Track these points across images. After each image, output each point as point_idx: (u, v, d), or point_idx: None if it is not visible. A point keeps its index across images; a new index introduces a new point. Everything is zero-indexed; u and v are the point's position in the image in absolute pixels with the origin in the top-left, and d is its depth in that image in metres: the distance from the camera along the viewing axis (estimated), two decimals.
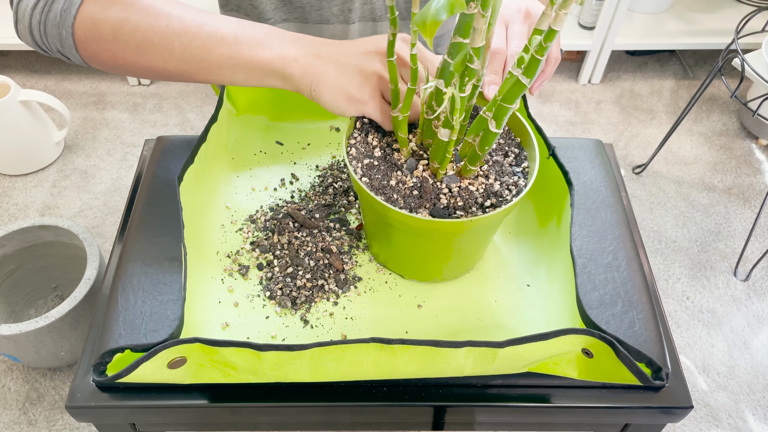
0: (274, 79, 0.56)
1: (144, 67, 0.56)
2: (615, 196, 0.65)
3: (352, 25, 0.75)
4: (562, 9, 0.40)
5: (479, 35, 0.44)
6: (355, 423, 0.57)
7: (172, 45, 0.54)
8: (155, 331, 0.52)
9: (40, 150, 1.54)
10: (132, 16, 0.54)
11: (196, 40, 0.54)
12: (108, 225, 1.46)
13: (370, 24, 0.76)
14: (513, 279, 0.61)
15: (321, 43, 0.56)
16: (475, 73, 0.47)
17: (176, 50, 0.54)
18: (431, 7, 0.41)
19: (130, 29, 0.54)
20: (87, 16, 0.53)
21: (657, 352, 0.52)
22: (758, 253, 1.42)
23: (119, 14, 0.54)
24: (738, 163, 1.64)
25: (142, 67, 0.56)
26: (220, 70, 0.56)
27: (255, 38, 0.55)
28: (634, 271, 0.58)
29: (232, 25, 0.55)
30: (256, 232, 0.64)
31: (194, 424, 0.57)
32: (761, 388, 1.22)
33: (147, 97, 1.78)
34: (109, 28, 0.54)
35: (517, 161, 0.58)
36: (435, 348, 0.49)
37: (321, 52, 0.55)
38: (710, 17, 1.82)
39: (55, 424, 1.13)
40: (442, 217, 0.53)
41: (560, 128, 1.72)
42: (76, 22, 0.54)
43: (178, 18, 0.54)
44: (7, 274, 1.16)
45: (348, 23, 0.74)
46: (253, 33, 0.55)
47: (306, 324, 0.57)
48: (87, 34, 0.54)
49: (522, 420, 0.56)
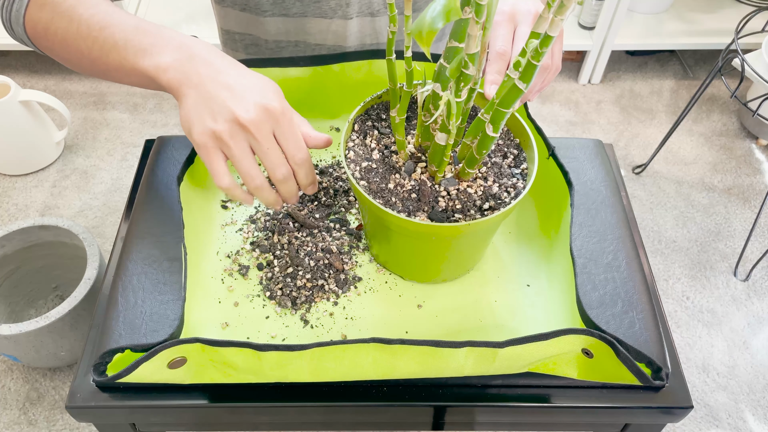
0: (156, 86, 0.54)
1: (76, 65, 0.58)
2: (615, 196, 0.65)
3: (350, 21, 0.75)
4: (557, 15, 0.40)
5: (473, 42, 0.44)
6: (355, 423, 0.57)
7: (81, 48, 0.55)
8: (155, 331, 0.52)
9: (40, 150, 1.54)
10: (54, 18, 0.56)
11: (96, 45, 0.54)
12: (108, 225, 1.46)
13: (369, 19, 0.76)
14: (513, 279, 0.61)
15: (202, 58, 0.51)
16: (471, 78, 0.47)
17: (84, 53, 0.55)
18: (427, 16, 0.41)
19: (53, 30, 0.56)
20: (29, 17, 0.58)
21: (657, 352, 0.52)
22: (758, 253, 1.42)
23: (47, 15, 0.56)
24: (738, 163, 1.64)
25: (74, 65, 0.58)
26: (118, 74, 0.55)
27: (142, 45, 0.52)
28: (634, 271, 0.58)
29: (127, 30, 0.53)
30: (256, 232, 0.64)
31: (194, 424, 0.57)
32: (761, 388, 1.22)
33: (147, 97, 1.78)
34: (42, 28, 0.57)
35: (516, 163, 0.58)
36: (435, 348, 0.49)
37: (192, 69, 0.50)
38: (710, 17, 1.82)
39: (55, 424, 1.13)
40: (440, 220, 0.53)
41: (560, 128, 1.72)
42: (26, 20, 0.58)
43: (87, 22, 0.54)
44: (7, 274, 1.16)
45: (346, 18, 0.74)
46: (142, 39, 0.52)
47: (306, 324, 0.58)
48: (31, 32, 0.58)
49: (522, 420, 0.56)
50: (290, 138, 0.51)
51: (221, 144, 0.49)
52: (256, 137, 0.49)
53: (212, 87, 0.49)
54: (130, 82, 0.55)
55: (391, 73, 0.53)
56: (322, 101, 0.74)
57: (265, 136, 0.50)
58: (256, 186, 0.52)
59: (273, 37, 0.77)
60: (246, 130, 0.49)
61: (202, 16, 1.80)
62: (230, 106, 0.48)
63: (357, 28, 0.76)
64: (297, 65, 0.70)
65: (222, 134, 0.49)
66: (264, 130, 0.49)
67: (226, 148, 0.49)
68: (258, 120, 0.49)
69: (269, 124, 0.50)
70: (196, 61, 0.51)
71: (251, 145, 0.50)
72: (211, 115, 0.49)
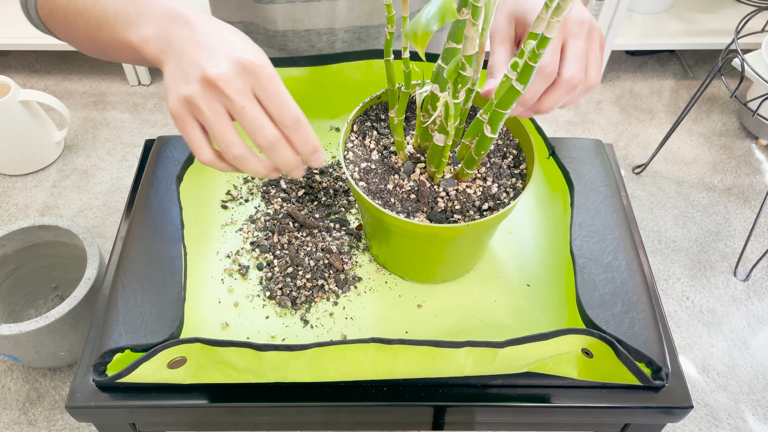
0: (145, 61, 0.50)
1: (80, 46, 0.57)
2: (615, 196, 0.65)
3: (338, 2, 0.74)
4: (554, 17, 0.39)
5: (470, 43, 0.43)
6: (355, 423, 0.57)
7: (79, 25, 0.54)
8: (155, 331, 0.52)
9: (40, 150, 1.54)
10: None
11: (91, 20, 0.52)
12: (108, 225, 1.46)
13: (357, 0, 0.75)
14: (513, 279, 0.61)
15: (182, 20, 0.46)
16: (468, 79, 0.46)
17: (82, 30, 0.54)
18: (422, 17, 0.40)
19: (56, 8, 0.55)
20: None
21: (657, 352, 0.52)
22: (758, 253, 1.42)
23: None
24: (738, 163, 1.63)
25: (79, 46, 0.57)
26: (113, 51, 0.53)
27: (130, 16, 0.48)
28: (634, 271, 0.58)
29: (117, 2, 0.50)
30: (256, 232, 0.64)
31: (194, 424, 0.57)
32: (761, 388, 1.22)
33: (147, 97, 1.78)
34: (48, 8, 0.57)
35: (515, 163, 0.58)
36: (435, 348, 0.49)
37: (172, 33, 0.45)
38: (710, 17, 1.82)
39: (55, 424, 1.13)
40: (439, 221, 0.53)
41: (560, 128, 1.72)
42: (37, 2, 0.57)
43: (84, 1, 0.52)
44: (7, 274, 1.16)
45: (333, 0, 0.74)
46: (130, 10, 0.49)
47: (306, 324, 0.58)
48: (42, 14, 0.58)
49: (522, 420, 0.56)
50: (273, 95, 0.43)
51: (193, 109, 0.43)
52: (227, 94, 0.42)
53: (188, 48, 0.44)
54: (126, 58, 0.53)
55: (390, 74, 0.53)
56: (321, 101, 0.74)
57: (238, 91, 0.43)
58: (235, 156, 0.44)
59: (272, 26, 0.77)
60: (215, 88, 0.42)
61: None
62: (201, 63, 0.43)
63: (345, 9, 0.75)
64: (296, 65, 0.70)
65: (192, 97, 0.43)
66: (236, 86, 0.42)
67: (198, 112, 0.43)
68: (229, 74, 0.42)
69: (244, 79, 0.43)
70: (176, 24, 0.46)
71: (226, 107, 0.43)
72: (183, 78, 0.43)
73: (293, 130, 0.44)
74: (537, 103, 0.52)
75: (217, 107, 0.43)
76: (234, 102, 0.43)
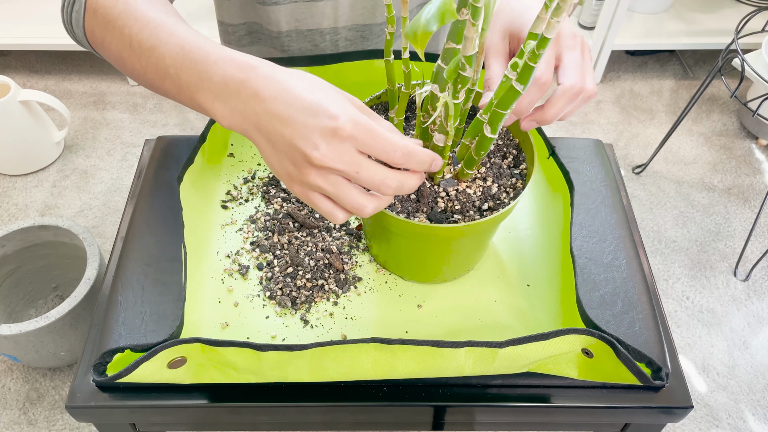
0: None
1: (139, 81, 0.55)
2: (615, 196, 0.65)
3: (340, 0, 0.74)
4: (553, 17, 0.39)
5: (470, 44, 0.43)
6: (355, 423, 0.57)
7: (136, 68, 0.53)
8: (155, 331, 0.52)
9: (40, 150, 1.54)
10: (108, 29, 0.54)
11: (150, 67, 0.51)
12: (108, 225, 1.46)
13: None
14: (513, 279, 0.61)
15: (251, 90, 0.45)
16: (468, 80, 0.46)
17: (140, 73, 0.53)
18: (421, 18, 0.40)
19: (107, 43, 0.54)
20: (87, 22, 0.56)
21: (657, 352, 0.52)
22: (758, 253, 1.42)
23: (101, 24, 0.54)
24: (738, 163, 1.64)
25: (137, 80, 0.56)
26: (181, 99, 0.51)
27: (191, 77, 0.48)
28: (634, 271, 0.58)
29: (174, 54, 0.49)
30: (256, 232, 0.64)
31: (194, 424, 0.57)
32: (761, 388, 1.22)
33: (147, 97, 1.78)
34: (99, 39, 0.55)
35: (515, 163, 0.58)
36: (435, 348, 0.49)
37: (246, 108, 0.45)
38: (710, 17, 1.82)
39: (55, 424, 1.13)
40: (439, 221, 0.53)
41: (560, 128, 1.72)
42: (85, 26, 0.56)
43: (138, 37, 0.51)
44: (7, 274, 1.16)
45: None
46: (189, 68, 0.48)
47: (306, 324, 0.58)
48: (91, 39, 0.56)
49: (522, 420, 0.56)
50: (373, 146, 0.43)
51: (315, 188, 0.45)
52: (337, 170, 0.43)
53: (272, 126, 0.44)
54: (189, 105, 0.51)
55: (390, 74, 0.53)
56: None
57: (345, 163, 0.43)
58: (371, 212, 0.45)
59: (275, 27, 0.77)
60: (324, 168, 0.43)
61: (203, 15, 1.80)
62: (299, 147, 0.43)
63: (348, 8, 0.75)
64: (296, 65, 0.70)
65: (309, 180, 0.44)
66: (341, 159, 0.43)
67: (321, 189, 0.44)
68: (330, 152, 0.42)
69: (344, 147, 0.43)
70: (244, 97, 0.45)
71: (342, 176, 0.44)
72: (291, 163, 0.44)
73: (408, 162, 0.45)
74: (541, 113, 0.53)
75: (335, 179, 0.44)
76: (347, 173, 0.43)
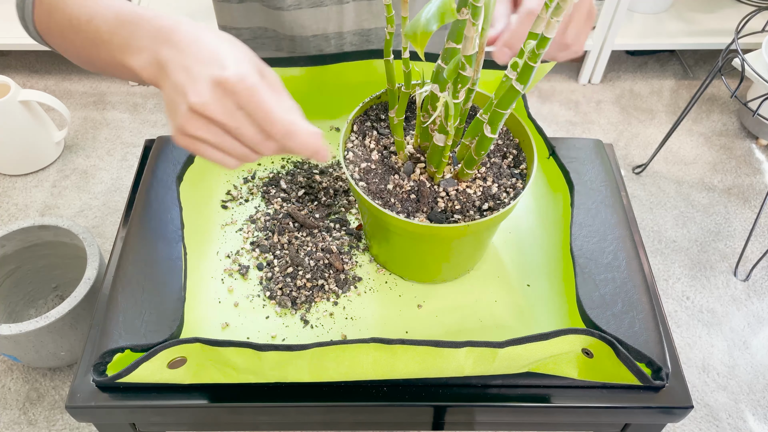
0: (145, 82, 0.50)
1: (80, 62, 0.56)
2: (615, 196, 0.65)
3: (346, 5, 0.74)
4: (553, 17, 0.40)
5: (470, 43, 0.43)
6: (355, 423, 0.57)
7: (76, 43, 0.53)
8: (155, 331, 0.52)
9: (40, 150, 1.54)
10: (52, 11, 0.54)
11: (87, 40, 0.51)
12: (108, 225, 1.46)
13: (365, 3, 0.75)
14: (513, 279, 0.61)
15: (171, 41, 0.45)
16: (468, 79, 0.46)
17: (80, 48, 0.53)
18: (421, 17, 0.40)
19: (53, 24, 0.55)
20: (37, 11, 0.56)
21: (657, 352, 0.52)
22: (758, 253, 1.42)
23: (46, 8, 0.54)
24: (738, 163, 1.63)
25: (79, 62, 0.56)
26: (115, 71, 0.52)
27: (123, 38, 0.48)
28: (634, 271, 0.58)
29: (109, 21, 0.49)
30: (256, 232, 0.64)
31: (194, 424, 0.57)
32: (761, 388, 1.22)
33: (147, 97, 1.78)
34: (45, 23, 0.55)
35: (515, 163, 0.58)
36: (435, 348, 0.49)
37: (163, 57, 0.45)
38: (710, 17, 1.82)
39: (55, 424, 1.13)
40: (439, 221, 0.53)
41: (560, 128, 1.72)
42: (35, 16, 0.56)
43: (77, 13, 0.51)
44: (7, 274, 1.16)
45: (341, 3, 0.74)
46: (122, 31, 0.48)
47: (306, 324, 0.58)
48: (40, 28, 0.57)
49: (522, 420, 0.56)
50: (256, 111, 0.43)
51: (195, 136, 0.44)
52: (215, 120, 0.42)
53: (174, 73, 0.44)
54: (128, 78, 0.52)
55: (390, 74, 0.53)
56: (321, 102, 0.74)
57: (225, 114, 0.42)
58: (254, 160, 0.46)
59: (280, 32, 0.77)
60: (202, 117, 0.42)
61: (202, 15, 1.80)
62: (185, 92, 0.42)
63: (354, 14, 0.75)
64: (296, 65, 0.70)
65: (188, 129, 0.43)
66: (220, 110, 0.42)
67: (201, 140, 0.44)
68: (209, 100, 0.42)
69: (225, 101, 0.42)
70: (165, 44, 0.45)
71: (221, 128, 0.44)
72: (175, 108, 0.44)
73: (287, 142, 0.44)
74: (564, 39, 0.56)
75: (214, 129, 0.43)
76: (225, 125, 0.43)
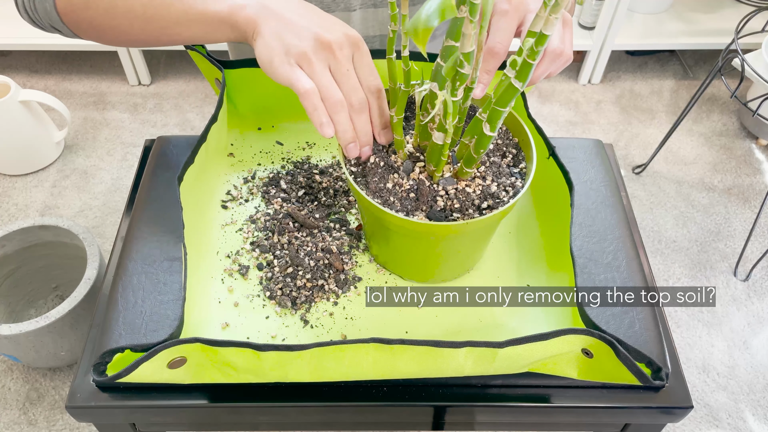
0: (226, 29, 0.55)
1: (117, 32, 0.58)
2: (615, 196, 0.65)
3: (353, 12, 0.74)
4: (552, 14, 0.40)
5: (468, 41, 0.43)
6: (355, 423, 0.57)
7: (134, 7, 0.56)
8: (155, 331, 0.52)
9: (40, 150, 1.54)
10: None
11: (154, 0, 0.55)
12: (108, 225, 1.46)
13: (371, 11, 0.75)
14: (513, 279, 0.61)
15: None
16: (467, 77, 0.46)
17: (138, 12, 0.56)
18: (422, 14, 0.41)
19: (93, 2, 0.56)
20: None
21: (657, 352, 0.52)
22: (758, 253, 1.42)
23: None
24: (738, 163, 1.63)
25: (115, 32, 0.58)
26: (179, 28, 0.56)
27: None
28: (634, 271, 0.58)
29: None
30: (256, 232, 0.64)
31: (194, 424, 0.57)
32: (761, 388, 1.22)
33: (147, 97, 1.78)
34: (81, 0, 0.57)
35: (514, 162, 0.58)
36: (435, 348, 0.49)
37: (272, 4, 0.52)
38: (710, 17, 1.82)
39: (55, 424, 1.13)
40: (438, 220, 0.53)
41: (560, 128, 1.72)
42: None
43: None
44: (7, 274, 1.16)
45: (349, 11, 0.74)
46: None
47: (306, 324, 0.58)
48: (65, 4, 0.58)
49: (522, 420, 0.56)
50: (367, 66, 0.52)
51: (302, 61, 0.50)
52: (337, 57, 0.50)
53: (291, 16, 0.51)
54: (189, 34, 0.56)
55: (391, 73, 0.53)
56: None
57: (345, 57, 0.51)
58: (335, 101, 0.51)
59: None
60: (328, 50, 0.50)
61: None
62: (312, 28, 0.50)
63: (360, 21, 0.76)
64: None
65: (305, 51, 0.49)
66: (345, 52, 0.51)
67: (307, 64, 0.50)
68: (340, 41, 0.50)
69: (349, 48, 0.51)
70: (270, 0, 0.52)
71: (330, 66, 0.51)
72: (296, 36, 0.50)
73: (376, 97, 0.53)
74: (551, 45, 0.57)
75: (325, 64, 0.51)
76: (341, 65, 0.51)
